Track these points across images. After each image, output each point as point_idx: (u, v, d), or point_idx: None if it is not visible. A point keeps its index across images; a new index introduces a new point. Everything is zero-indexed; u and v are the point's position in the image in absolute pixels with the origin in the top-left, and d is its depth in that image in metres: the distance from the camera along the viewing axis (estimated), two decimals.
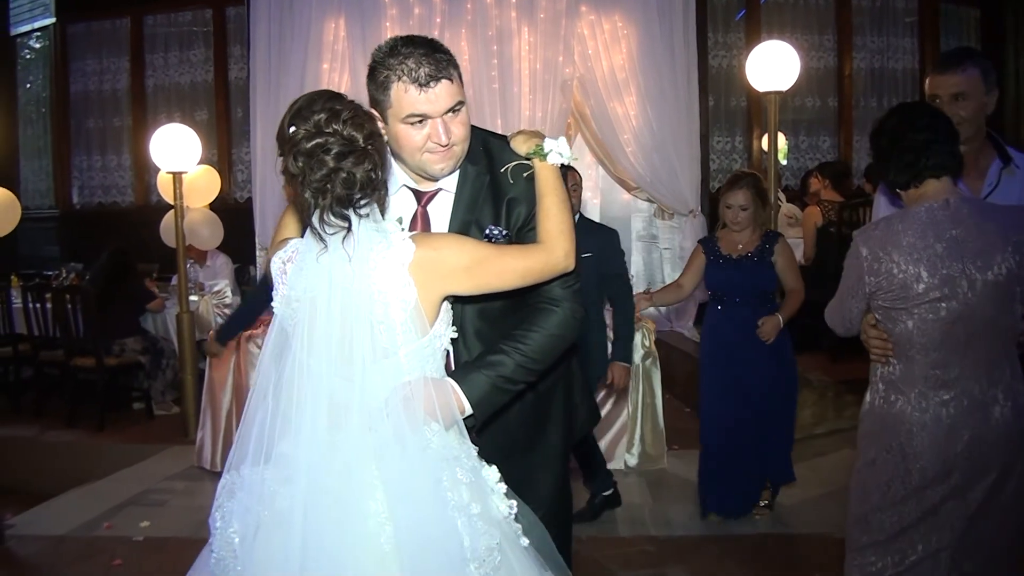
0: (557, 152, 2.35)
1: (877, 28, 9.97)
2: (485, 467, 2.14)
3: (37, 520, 5.35)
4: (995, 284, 2.66)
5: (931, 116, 2.81)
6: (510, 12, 7.99)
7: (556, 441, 2.66)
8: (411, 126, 2.24)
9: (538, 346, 2.30)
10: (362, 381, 2.05)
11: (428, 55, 2.20)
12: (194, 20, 10.59)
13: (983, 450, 2.70)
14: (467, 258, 2.15)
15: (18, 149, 11.40)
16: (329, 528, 1.95)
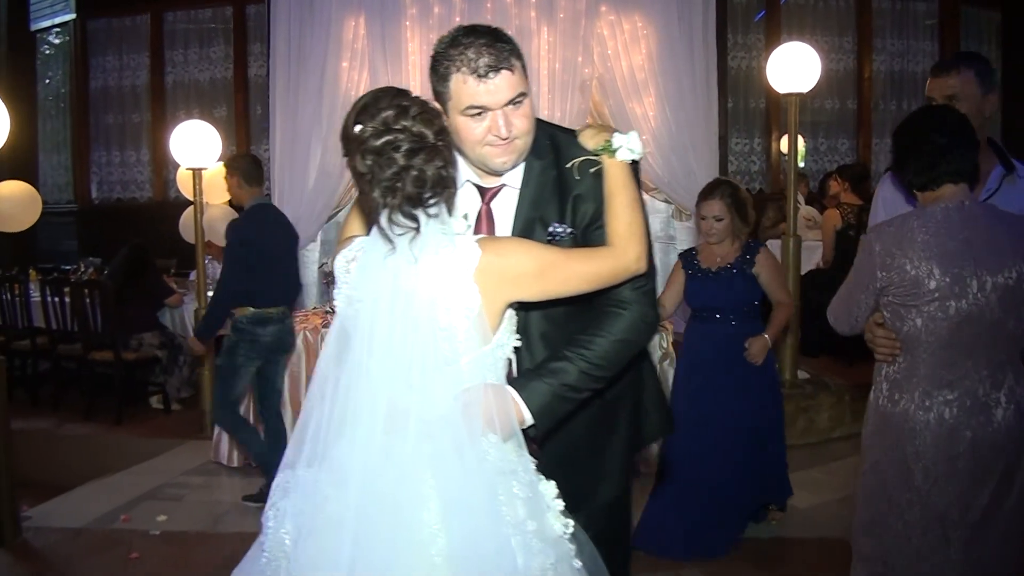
0: (627, 148, 2.21)
1: (897, 30, 9.95)
2: (543, 482, 2.06)
3: (54, 512, 5.40)
4: (1005, 287, 2.67)
5: (956, 122, 2.81)
6: (530, 12, 7.98)
7: (620, 450, 2.49)
8: (471, 118, 2.17)
9: (604, 352, 2.19)
10: (422, 388, 1.97)
11: (489, 45, 2.12)
12: (214, 17, 10.64)
13: (985, 452, 2.71)
14: (534, 264, 2.07)
15: (37, 144, 11.46)
16: (380, 535, 1.87)
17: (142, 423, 7.32)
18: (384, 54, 7.90)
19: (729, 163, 9.35)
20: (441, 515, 1.89)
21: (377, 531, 1.88)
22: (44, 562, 4.75)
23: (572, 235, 2.27)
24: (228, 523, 5.11)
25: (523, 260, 2.06)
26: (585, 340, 2.19)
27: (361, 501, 1.90)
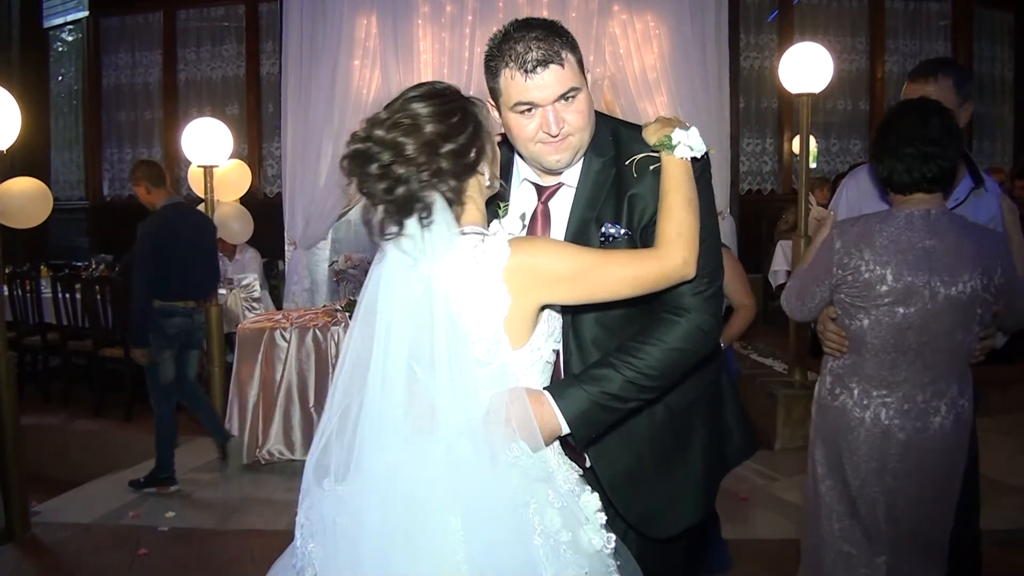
0: (686, 144, 2.08)
1: (910, 31, 9.92)
2: (586, 493, 2.00)
3: (63, 508, 5.40)
4: (957, 300, 2.69)
5: (943, 127, 2.77)
6: (542, 11, 7.97)
7: (697, 470, 2.30)
8: (520, 115, 2.10)
9: (655, 361, 2.06)
10: (450, 392, 1.89)
11: (539, 38, 2.05)
12: (227, 15, 10.65)
13: (917, 455, 2.76)
14: (566, 266, 1.96)
15: (49, 141, 11.49)
16: (405, 543, 1.82)
17: (152, 420, 7.32)
18: (396, 52, 7.92)
19: (741, 164, 9.33)
20: (464, 522, 1.82)
21: (403, 537, 1.82)
22: (53, 557, 4.76)
23: (628, 236, 2.15)
24: (236, 520, 5.11)
25: (555, 261, 1.97)
26: (635, 347, 2.08)
27: (387, 508, 1.85)
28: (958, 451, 2.80)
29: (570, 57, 2.07)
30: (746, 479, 5.50)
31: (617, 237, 2.14)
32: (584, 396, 2.03)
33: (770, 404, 6.11)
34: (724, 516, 4.93)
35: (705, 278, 2.09)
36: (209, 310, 6.87)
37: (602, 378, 2.04)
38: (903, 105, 2.93)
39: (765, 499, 5.20)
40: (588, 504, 1.97)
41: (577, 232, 2.18)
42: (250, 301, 8.07)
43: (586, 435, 2.07)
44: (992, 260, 2.70)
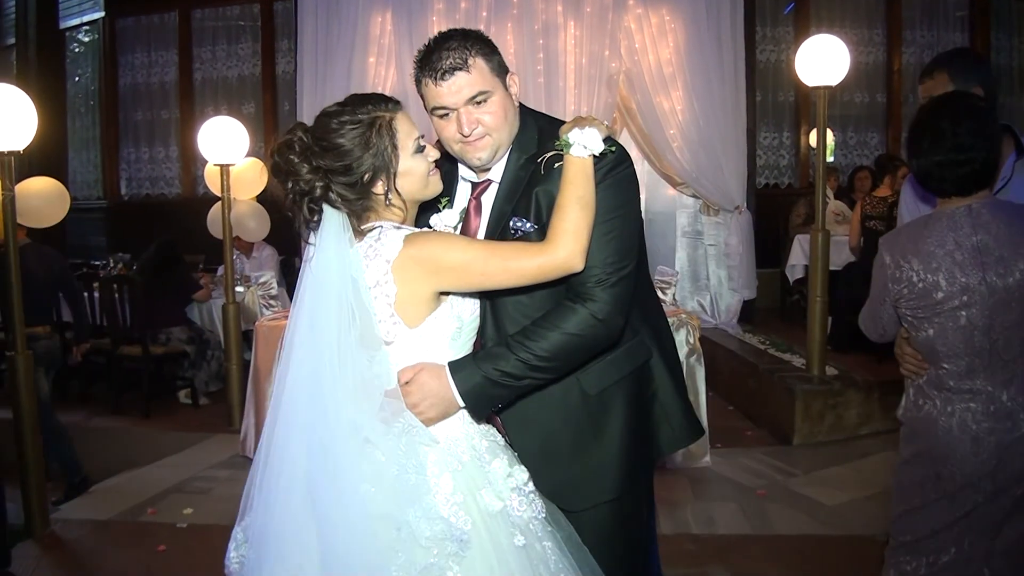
0: (580, 144, 2.20)
1: (927, 22, 9.86)
2: (498, 459, 2.23)
3: (82, 505, 5.42)
4: (1017, 289, 2.61)
5: (975, 130, 2.69)
6: (556, 6, 7.97)
7: (614, 452, 2.38)
8: (440, 119, 2.30)
9: (548, 344, 2.20)
10: (353, 368, 2.14)
11: (449, 48, 2.23)
12: (242, 14, 10.69)
13: (1011, 458, 2.66)
14: (452, 258, 2.16)
15: (67, 141, 11.56)
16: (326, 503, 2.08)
17: (170, 417, 7.36)
18: (411, 49, 7.88)
19: (758, 157, 9.29)
20: (368, 480, 2.08)
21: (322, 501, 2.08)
22: (72, 554, 4.78)
23: (536, 230, 2.27)
24: None
25: (442, 254, 2.17)
26: (532, 330, 2.23)
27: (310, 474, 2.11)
28: None
29: (480, 63, 2.25)
30: (764, 474, 5.48)
31: (525, 231, 2.29)
32: (478, 372, 2.20)
33: (788, 400, 6.07)
34: (742, 511, 4.93)
35: (601, 269, 2.20)
36: (227, 308, 6.91)
37: (497, 356, 2.21)
38: (935, 104, 2.84)
39: (783, 494, 5.17)
40: (496, 469, 2.21)
41: (494, 225, 2.37)
42: (267, 298, 8.08)
43: (480, 408, 2.24)
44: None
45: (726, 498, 5.16)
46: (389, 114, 2.23)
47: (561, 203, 2.18)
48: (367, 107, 2.24)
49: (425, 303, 2.20)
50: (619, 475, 2.37)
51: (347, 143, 2.21)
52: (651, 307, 2.55)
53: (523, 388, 2.25)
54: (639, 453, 2.42)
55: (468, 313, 2.29)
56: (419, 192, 2.30)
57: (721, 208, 8.18)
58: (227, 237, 6.92)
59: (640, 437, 2.42)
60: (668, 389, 2.49)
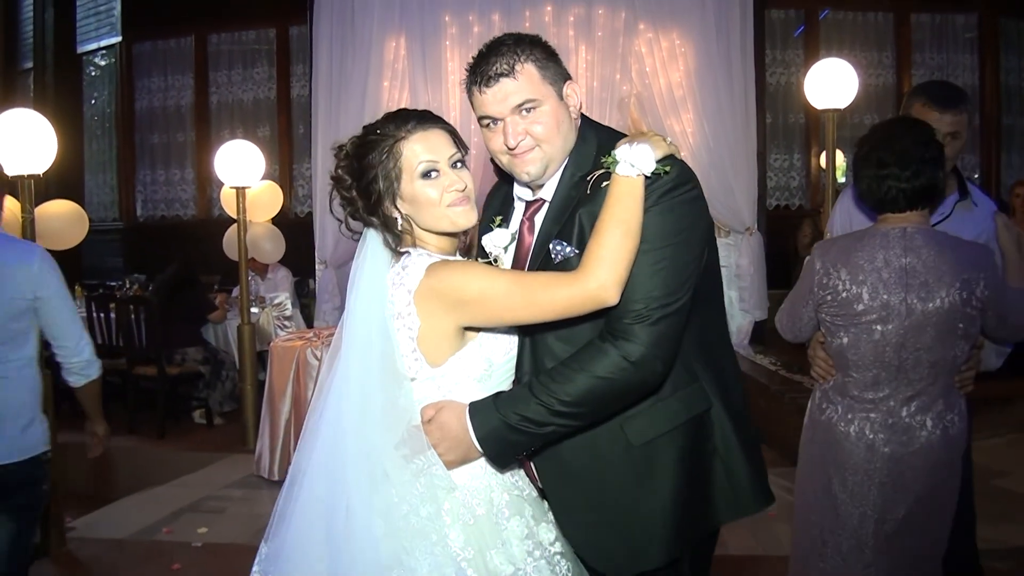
0: (627, 161, 1.96)
1: (936, 45, 9.88)
2: (516, 517, 2.09)
3: (98, 523, 5.47)
4: (935, 316, 2.69)
5: (906, 149, 2.78)
6: (568, 31, 8.04)
7: (661, 515, 2.09)
8: (487, 129, 2.15)
9: (573, 387, 1.97)
10: (379, 397, 2.06)
11: (499, 54, 2.09)
12: (258, 39, 10.77)
13: (903, 471, 2.76)
14: (474, 290, 2.00)
15: (83, 163, 11.63)
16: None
17: (185, 437, 7.41)
18: (424, 73, 8.01)
19: (768, 179, 9.31)
20: (379, 517, 1.98)
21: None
22: (87, 572, 4.82)
23: (577, 255, 2.03)
24: None
25: (462, 285, 2.02)
26: (558, 371, 2.02)
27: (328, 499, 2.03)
28: (948, 466, 2.79)
29: (529, 68, 2.08)
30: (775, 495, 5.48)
31: (565, 256, 2.08)
32: (496, 416, 2.01)
33: (799, 420, 6.04)
34: (752, 532, 4.93)
35: (643, 304, 1.96)
36: (242, 329, 6.97)
37: (517, 399, 2.02)
38: (880, 124, 2.96)
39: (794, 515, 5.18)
40: (512, 528, 2.07)
41: (539, 248, 2.15)
42: (282, 319, 8.15)
43: (500, 456, 2.07)
44: (973, 273, 2.69)
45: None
46: (403, 134, 2.10)
47: (599, 227, 1.96)
48: (387, 126, 2.13)
49: (448, 340, 2.06)
50: (667, 541, 2.09)
51: (359, 162, 2.14)
52: (718, 351, 2.22)
53: (547, 436, 2.03)
54: (692, 517, 2.12)
55: (501, 354, 2.13)
56: (430, 223, 2.13)
57: (732, 229, 8.21)
58: (242, 258, 6.98)
59: (695, 499, 2.12)
60: (732, 446, 2.16)
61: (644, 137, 2.03)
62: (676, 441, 2.09)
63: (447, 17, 8.16)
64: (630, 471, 2.09)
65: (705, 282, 2.09)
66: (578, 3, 8.03)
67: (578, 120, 2.20)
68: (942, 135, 3.05)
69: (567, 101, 2.15)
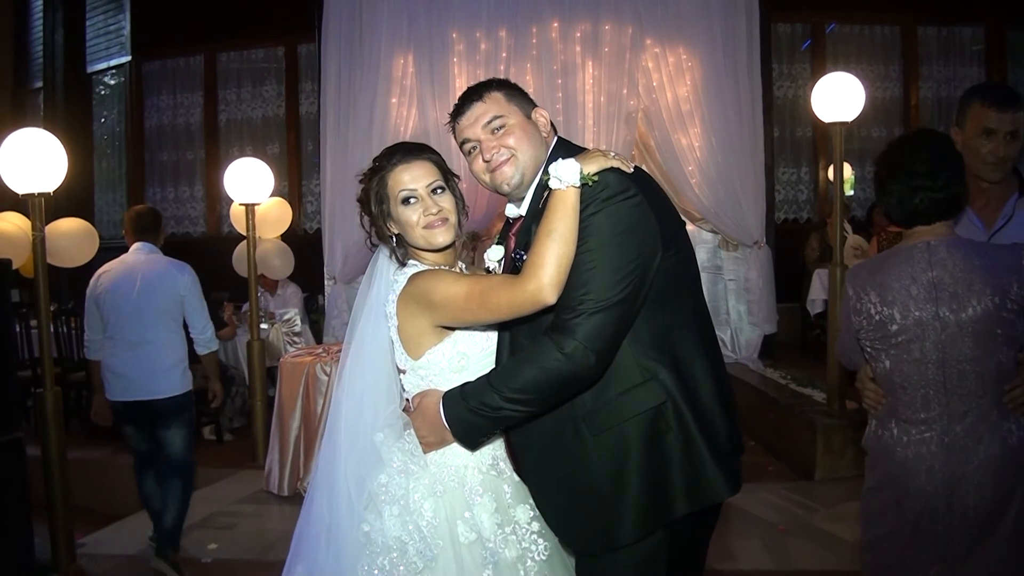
0: (556, 176, 2.17)
1: (944, 57, 9.90)
2: (487, 495, 2.38)
3: (108, 540, 5.50)
4: (970, 325, 2.66)
5: (934, 159, 2.77)
6: (575, 46, 8.06)
7: (625, 498, 2.23)
8: (469, 156, 2.44)
9: (521, 377, 2.20)
10: (373, 387, 2.47)
11: (472, 89, 2.44)
12: (266, 57, 10.85)
13: (965, 490, 2.69)
14: (438, 294, 2.30)
15: (93, 181, 11.70)
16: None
17: (195, 453, 7.40)
18: (432, 90, 8.03)
19: (776, 192, 9.33)
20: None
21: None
22: None
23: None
24: (278, 551, 5.13)
25: (430, 291, 2.33)
26: (511, 362, 2.28)
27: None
28: (1009, 478, 2.69)
29: (496, 94, 2.41)
30: (785, 510, 5.47)
31: (522, 263, 2.27)
32: (460, 401, 2.29)
33: (810, 434, 6.07)
34: (764, 547, 4.92)
35: (577, 301, 2.15)
36: (251, 345, 6.99)
37: (477, 387, 2.27)
38: (900, 139, 2.95)
39: (804, 530, 5.17)
40: (483, 504, 2.37)
41: (511, 259, 2.46)
42: (291, 335, 8.17)
43: (466, 437, 2.34)
44: (1005, 277, 2.65)
45: (747, 533, 5.14)
46: (390, 166, 2.45)
47: (537, 235, 2.18)
48: (381, 159, 2.49)
49: (424, 337, 2.38)
50: (633, 521, 2.22)
51: (365, 188, 2.51)
52: (682, 350, 2.28)
53: (504, 419, 2.26)
54: (656, 501, 2.23)
55: (476, 349, 2.40)
56: (413, 241, 2.46)
57: (740, 243, 8.22)
58: (252, 275, 7.01)
59: (656, 485, 2.23)
60: (694, 438, 2.23)
61: (589, 154, 2.27)
62: (630, 433, 2.23)
63: (455, 34, 8.18)
64: (591, 459, 2.26)
65: (663, 283, 2.24)
66: (585, 19, 8.05)
67: (552, 140, 2.48)
68: (1003, 134, 3.09)
69: (536, 121, 2.44)
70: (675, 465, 2.23)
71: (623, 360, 2.23)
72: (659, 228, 2.22)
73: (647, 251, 2.19)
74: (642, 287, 2.19)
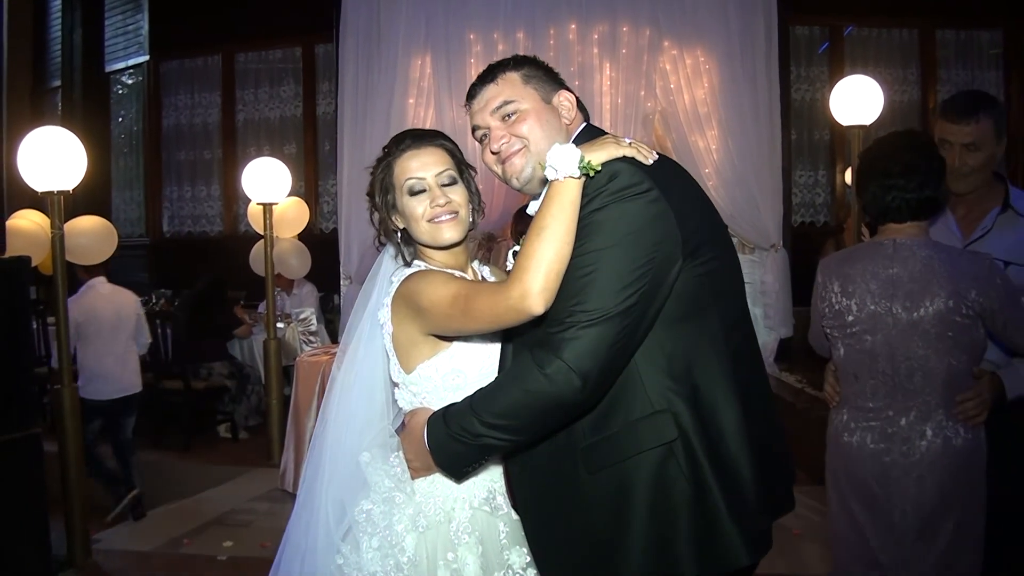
0: (551, 166, 1.86)
1: (962, 61, 9.82)
2: (472, 538, 2.13)
3: (123, 536, 5.51)
4: (921, 324, 2.73)
5: (911, 161, 2.82)
6: (592, 48, 8.05)
7: (627, 550, 1.89)
8: (481, 144, 2.17)
9: (502, 400, 1.90)
10: (367, 401, 2.28)
11: (482, 72, 2.18)
12: (284, 57, 10.86)
13: (906, 482, 2.77)
14: (426, 297, 2.04)
15: (111, 180, 11.75)
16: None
17: (210, 451, 7.45)
18: (450, 90, 8.03)
19: (793, 195, 9.28)
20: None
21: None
22: None
23: None
24: None
25: (419, 292, 2.08)
26: (494, 383, 1.97)
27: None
28: (952, 478, 2.74)
29: (510, 75, 2.14)
30: (800, 514, 5.42)
31: None
32: (442, 425, 2.00)
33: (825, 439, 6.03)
34: (778, 551, 4.89)
35: (565, 312, 1.83)
36: (268, 344, 7.01)
37: (459, 410, 1.99)
38: (882, 138, 3.02)
39: (819, 534, 5.14)
40: (467, 546, 2.11)
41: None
42: (307, 334, 8.19)
43: (448, 465, 2.05)
44: (964, 283, 2.70)
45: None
46: (398, 152, 2.22)
47: (527, 235, 1.88)
48: (390, 145, 2.27)
49: (416, 347, 2.13)
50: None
51: (372, 178, 2.28)
52: (701, 380, 1.92)
53: (486, 447, 1.96)
54: (662, 558, 1.88)
55: (473, 365, 2.13)
56: (418, 235, 2.22)
57: (757, 246, 8.18)
58: (269, 274, 7.04)
59: (664, 540, 1.88)
60: (708, 488, 1.87)
61: (599, 140, 1.97)
62: (632, 473, 1.89)
63: (472, 35, 8.18)
64: (589, 501, 1.94)
65: (686, 297, 1.91)
66: (602, 21, 8.04)
67: (577, 127, 2.18)
68: (958, 147, 3.08)
69: (558, 107, 2.15)
70: (683, 518, 1.87)
71: (631, 386, 1.90)
72: (679, 231, 1.86)
73: (660, 257, 1.84)
74: (652, 301, 1.84)
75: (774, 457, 2.07)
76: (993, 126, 3.11)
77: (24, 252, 4.82)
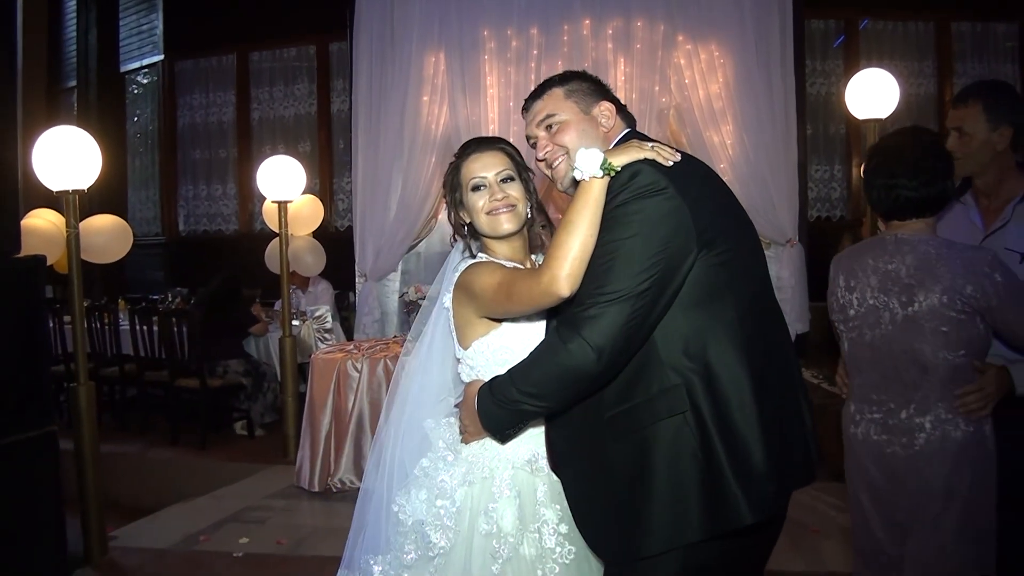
0: (578, 167, 2.11)
1: (978, 54, 9.76)
2: (511, 494, 2.38)
3: (140, 533, 5.52)
4: (916, 319, 2.75)
5: (916, 159, 2.83)
6: (606, 43, 8.03)
7: (645, 509, 2.11)
8: (532, 148, 2.47)
9: (535, 372, 2.17)
10: (439, 374, 2.65)
11: (536, 89, 2.48)
12: (298, 56, 10.88)
13: (906, 473, 2.80)
14: (478, 287, 2.36)
15: (126, 179, 11.81)
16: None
17: (226, 448, 7.46)
18: (464, 88, 8.02)
19: (809, 190, 9.24)
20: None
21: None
22: None
23: None
24: (309, 546, 5.17)
25: (473, 282, 2.39)
26: (529, 355, 2.22)
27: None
28: (952, 471, 2.74)
29: (556, 91, 2.44)
30: (817, 511, 5.43)
31: None
32: (488, 393, 2.30)
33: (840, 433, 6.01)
34: (796, 548, 4.88)
35: (586, 294, 2.08)
36: (283, 341, 7.03)
37: (502, 379, 2.27)
38: (889, 135, 3.03)
39: (838, 531, 5.11)
40: (508, 499, 2.37)
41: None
42: (322, 332, 8.20)
43: (492, 427, 2.34)
44: (961, 279, 2.69)
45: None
46: (464, 156, 2.55)
47: (558, 227, 2.15)
48: (459, 150, 2.59)
49: (471, 327, 2.45)
50: (654, 535, 2.09)
51: (445, 178, 2.60)
52: (722, 356, 2.10)
53: (524, 412, 2.24)
54: (676, 518, 2.08)
55: (519, 342, 2.36)
56: (482, 227, 2.52)
57: (773, 241, 8.14)
58: (284, 272, 7.05)
59: (678, 502, 2.08)
60: (717, 455, 2.06)
61: (624, 144, 2.23)
62: (650, 441, 2.11)
63: (486, 32, 8.17)
64: (612, 463, 2.17)
65: (701, 284, 2.10)
66: (616, 16, 8.02)
67: (617, 135, 2.42)
68: (950, 131, 3.17)
69: (597, 116, 2.41)
70: (694, 480, 2.06)
71: (651, 363, 2.11)
72: (694, 225, 2.06)
73: (674, 248, 2.05)
74: (665, 286, 2.05)
75: (791, 430, 2.26)
76: (983, 111, 3.10)
77: (40, 251, 4.82)
